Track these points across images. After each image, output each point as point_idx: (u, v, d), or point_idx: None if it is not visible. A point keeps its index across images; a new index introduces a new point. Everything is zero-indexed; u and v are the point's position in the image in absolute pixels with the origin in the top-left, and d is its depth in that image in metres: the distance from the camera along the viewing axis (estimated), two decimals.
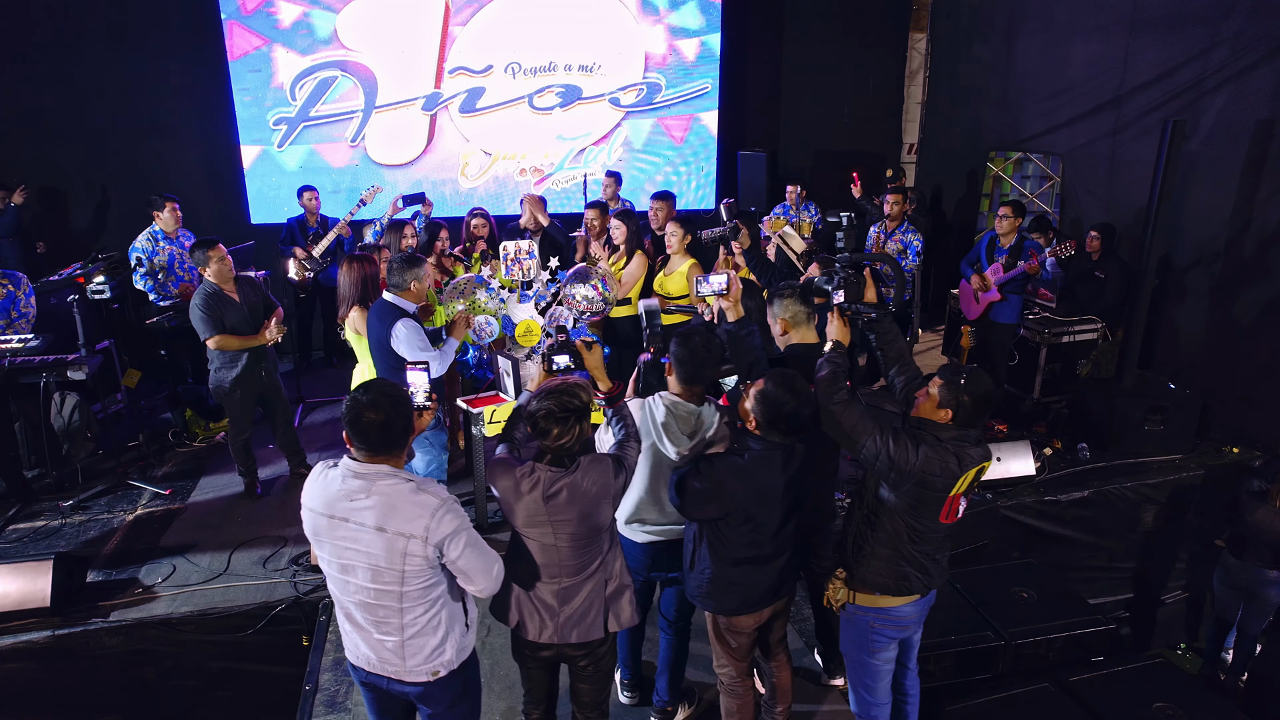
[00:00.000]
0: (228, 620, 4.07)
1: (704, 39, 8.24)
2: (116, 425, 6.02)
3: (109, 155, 7.44)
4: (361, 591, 2.40)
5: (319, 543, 2.41)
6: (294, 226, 6.92)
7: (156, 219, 5.89)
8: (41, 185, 7.48)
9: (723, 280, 3.09)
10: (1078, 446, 5.63)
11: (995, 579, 4.14)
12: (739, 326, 3.08)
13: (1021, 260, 5.71)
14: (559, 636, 2.65)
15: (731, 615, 2.85)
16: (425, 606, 2.42)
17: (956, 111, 8.73)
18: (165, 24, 7.25)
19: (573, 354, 2.88)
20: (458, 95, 7.82)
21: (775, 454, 2.68)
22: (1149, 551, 5.46)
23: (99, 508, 5.01)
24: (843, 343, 2.81)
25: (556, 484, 2.52)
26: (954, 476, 2.56)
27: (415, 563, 2.34)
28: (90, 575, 4.30)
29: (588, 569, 2.64)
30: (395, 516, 2.31)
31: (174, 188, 7.09)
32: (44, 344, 4.76)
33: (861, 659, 2.80)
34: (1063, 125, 7.25)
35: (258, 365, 4.82)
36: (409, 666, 2.48)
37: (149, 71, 7.28)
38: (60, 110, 7.25)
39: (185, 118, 7.49)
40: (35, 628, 3.90)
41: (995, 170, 8.01)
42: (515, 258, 4.85)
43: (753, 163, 8.31)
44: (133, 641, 4.00)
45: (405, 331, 3.88)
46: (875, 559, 2.69)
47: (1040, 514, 5.11)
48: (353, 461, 2.36)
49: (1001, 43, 7.93)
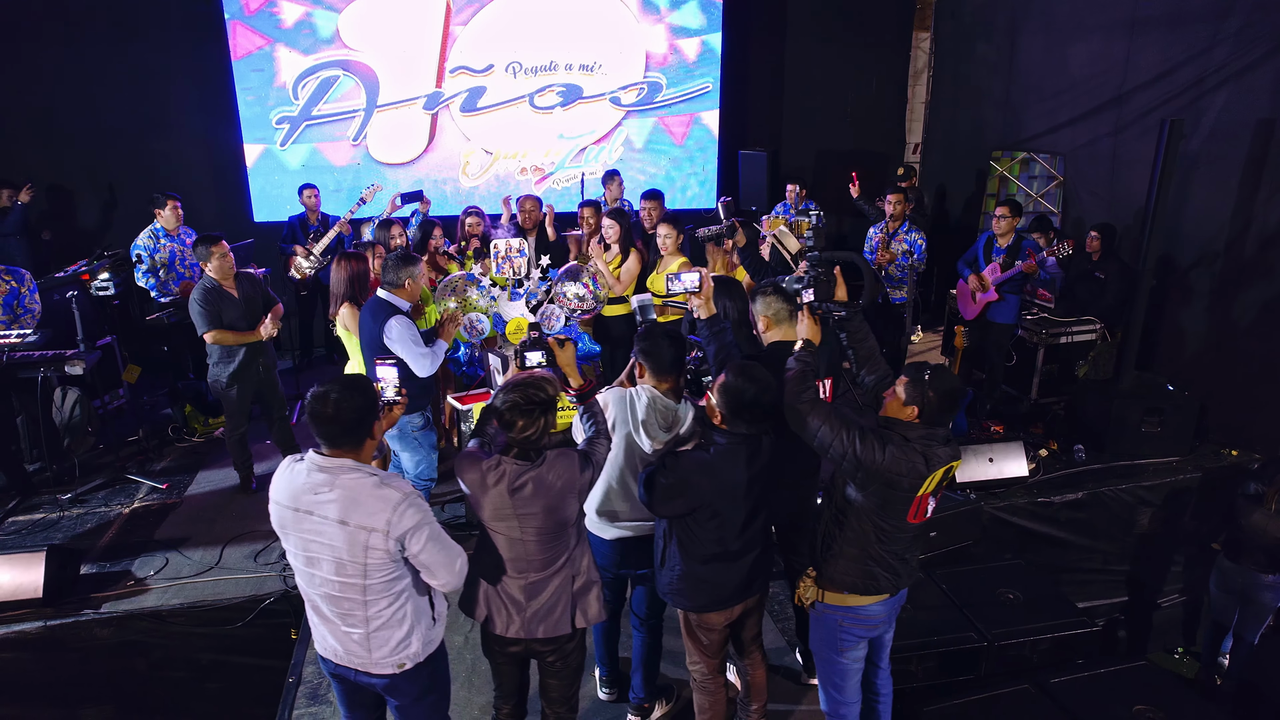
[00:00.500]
0: (217, 613, 4.11)
1: (705, 38, 8.25)
2: (118, 420, 6.09)
3: (115, 153, 7.52)
4: (327, 584, 2.42)
5: (285, 536, 2.44)
6: (295, 225, 6.97)
7: (158, 217, 5.97)
8: (49, 183, 7.57)
9: (695, 278, 3.10)
10: (1074, 448, 5.59)
11: (981, 580, 4.11)
12: (711, 324, 3.09)
13: (1019, 260, 5.68)
14: (526, 631, 2.66)
15: (702, 612, 2.85)
16: (390, 599, 2.44)
17: (959, 111, 8.69)
18: (169, 24, 7.33)
19: (545, 350, 2.90)
20: (459, 94, 7.86)
21: (740, 448, 2.69)
22: (1144, 554, 5.41)
23: (97, 501, 5.08)
24: (813, 341, 2.81)
25: (522, 477, 2.54)
26: (921, 476, 2.55)
27: (377, 556, 2.36)
28: (84, 567, 4.36)
29: (554, 564, 2.65)
30: (357, 510, 2.33)
31: (178, 186, 7.16)
32: (43, 339, 4.82)
33: (830, 657, 2.80)
34: (1065, 125, 7.20)
35: (255, 361, 4.87)
36: (375, 659, 2.50)
37: (154, 71, 7.36)
38: (67, 109, 7.34)
39: (189, 117, 7.56)
40: (28, 618, 3.96)
41: (1000, 170, 7.96)
42: (506, 255, 4.88)
43: (754, 162, 8.30)
44: (124, 633, 4.05)
45: (399, 329, 3.90)
46: (843, 558, 2.69)
47: (1033, 515, 5.07)
48: (318, 456, 2.39)
49: (1004, 42, 7.89)
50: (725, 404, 2.66)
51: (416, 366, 3.95)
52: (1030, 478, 5.16)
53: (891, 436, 2.57)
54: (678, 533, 2.79)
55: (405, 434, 4.15)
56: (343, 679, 2.62)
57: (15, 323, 4.97)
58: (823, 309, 2.86)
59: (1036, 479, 5.25)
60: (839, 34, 8.80)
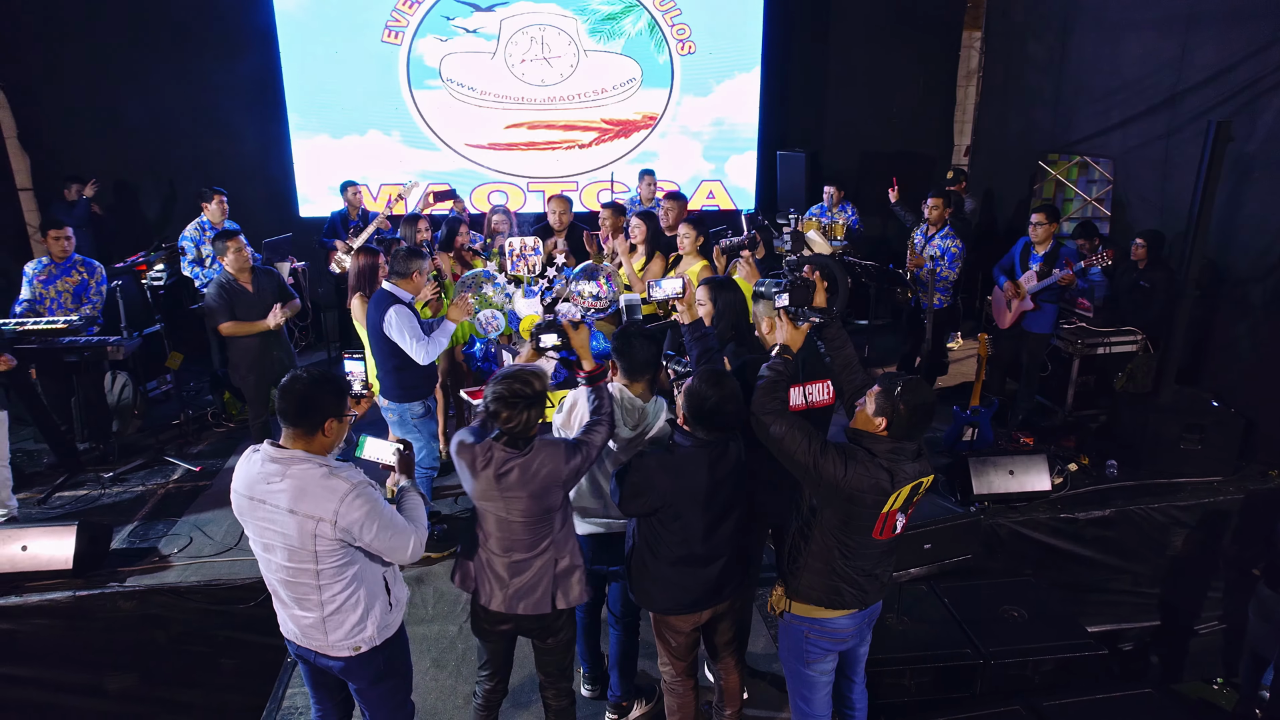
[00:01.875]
0: (231, 592, 4.29)
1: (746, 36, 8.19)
2: (163, 405, 6.41)
3: (173, 150, 7.90)
4: (281, 570, 2.53)
5: (245, 523, 2.55)
6: (336, 220, 7.19)
7: (205, 210, 6.24)
8: (115, 179, 8.00)
9: (677, 285, 3.13)
10: (1106, 463, 5.36)
11: (986, 595, 3.99)
12: (693, 329, 3.08)
13: (1057, 268, 5.47)
14: (507, 606, 2.75)
15: (668, 614, 2.86)
16: (342, 585, 2.53)
17: (1008, 113, 8.41)
18: (224, 26, 7.64)
19: (559, 333, 2.95)
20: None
21: (702, 452, 2.68)
22: (1178, 577, 5.16)
23: (135, 480, 5.35)
24: (790, 347, 2.77)
25: (508, 464, 2.62)
26: (884, 493, 2.49)
27: (326, 544, 2.45)
28: (116, 542, 4.60)
29: (539, 545, 2.72)
30: (305, 499, 2.42)
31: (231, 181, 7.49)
32: (84, 323, 5.09)
33: (797, 669, 2.76)
34: (1115, 127, 6.90)
35: (269, 351, 5.01)
36: (331, 641, 2.59)
37: (211, 70, 7.68)
38: (132, 107, 7.73)
39: (242, 114, 7.87)
40: (59, 588, 4.20)
41: (1054, 174, 7.67)
42: (520, 253, 4.94)
43: (792, 163, 8.21)
44: (145, 606, 4.26)
45: (397, 319, 4.01)
46: (808, 571, 2.65)
47: (1055, 531, 4.89)
48: (272, 448, 2.49)
49: (1055, 40, 7.60)
50: (687, 408, 2.67)
51: (415, 355, 4.05)
52: (1054, 492, 4.97)
53: (855, 451, 2.52)
54: (645, 533, 2.80)
55: (406, 422, 4.26)
56: (306, 660, 2.73)
57: (79, 311, 5.28)
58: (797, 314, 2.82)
59: (1062, 494, 5.06)
60: (886, 33, 8.62)
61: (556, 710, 2.98)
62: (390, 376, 4.24)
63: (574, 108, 8.18)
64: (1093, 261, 5.26)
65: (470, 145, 8.16)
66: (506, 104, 8.08)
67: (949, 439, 5.54)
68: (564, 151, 8.31)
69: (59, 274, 5.20)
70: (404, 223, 5.44)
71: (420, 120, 8.02)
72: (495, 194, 8.28)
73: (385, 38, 7.77)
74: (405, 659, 2.82)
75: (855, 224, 7.67)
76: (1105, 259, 5.23)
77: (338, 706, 2.88)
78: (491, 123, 8.12)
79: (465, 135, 8.13)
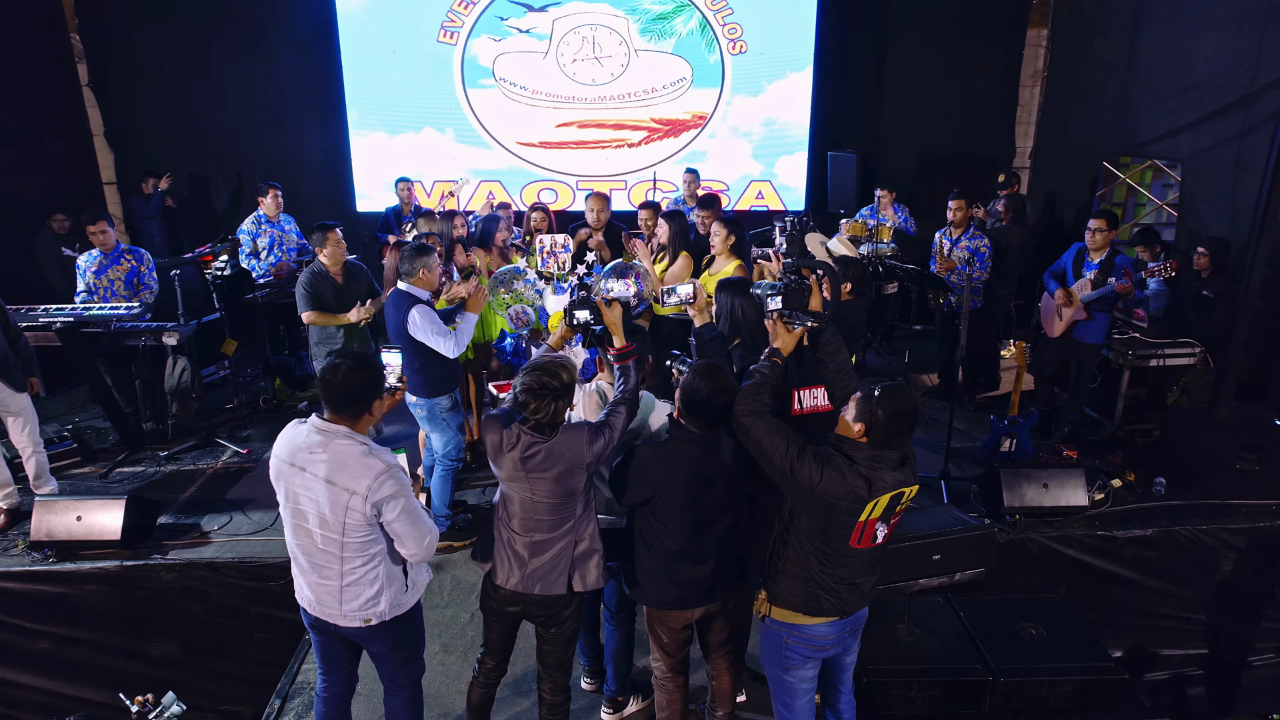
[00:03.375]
0: (263, 570, 4.49)
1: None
2: (221, 389, 6.74)
3: (243, 145, 8.28)
4: (310, 536, 2.68)
5: (279, 486, 2.71)
6: (389, 216, 7.43)
7: (261, 204, 6.53)
8: (189, 173, 8.44)
9: (689, 290, 3.17)
10: (1154, 481, 5.12)
11: (1005, 610, 3.88)
12: (705, 330, 3.11)
13: (1112, 278, 5.24)
14: (524, 586, 2.83)
15: (659, 609, 2.88)
16: (363, 560, 2.67)
17: (1072, 113, 8.08)
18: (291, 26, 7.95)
19: (593, 310, 3.00)
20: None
21: (694, 445, 2.71)
22: (1228, 605, 4.89)
23: (187, 460, 5.66)
24: (781, 350, 2.75)
25: (533, 448, 2.72)
26: (861, 501, 2.45)
27: (355, 517, 2.60)
28: (163, 518, 4.87)
29: (560, 528, 2.80)
30: (343, 472, 2.58)
31: (293, 176, 7.84)
32: (142, 310, 5.39)
33: (778, 675, 2.74)
34: (1185, 128, 6.56)
35: (350, 344, 5.12)
36: (344, 610, 2.74)
37: (278, 69, 8.01)
38: (206, 106, 8.15)
39: (305, 111, 8.21)
40: (108, 557, 4.49)
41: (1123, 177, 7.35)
42: (550, 250, 5.02)
43: (843, 164, 8.07)
44: (185, 579, 4.50)
45: (420, 318, 4.12)
46: (786, 576, 2.62)
47: (1091, 549, 4.70)
48: (319, 420, 2.65)
49: (1124, 37, 7.27)
50: (680, 400, 2.72)
51: (444, 349, 4.15)
52: (1091, 509, 4.77)
53: (834, 457, 2.49)
54: (639, 525, 2.83)
55: (434, 415, 4.37)
56: (320, 629, 2.87)
57: (135, 297, 5.60)
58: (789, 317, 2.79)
59: (1102, 510, 4.86)
60: (947, 31, 8.38)
61: (551, 705, 3.03)
62: (417, 375, 4.33)
63: (624, 107, 8.23)
64: (1155, 272, 5.01)
65: (521, 144, 8.30)
66: (557, 103, 8.19)
67: (986, 449, 5.38)
68: (613, 150, 8.37)
69: (109, 264, 5.51)
70: (440, 219, 5.58)
71: (473, 118, 8.21)
72: (545, 192, 8.41)
73: (441, 38, 7.98)
74: (420, 633, 2.99)
75: (908, 227, 7.51)
76: (1169, 270, 4.98)
77: (345, 680, 3.02)
78: (542, 121, 8.24)
79: (516, 133, 8.27)
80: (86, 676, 4.68)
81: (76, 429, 6.03)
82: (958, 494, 5.08)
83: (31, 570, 4.47)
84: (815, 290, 2.83)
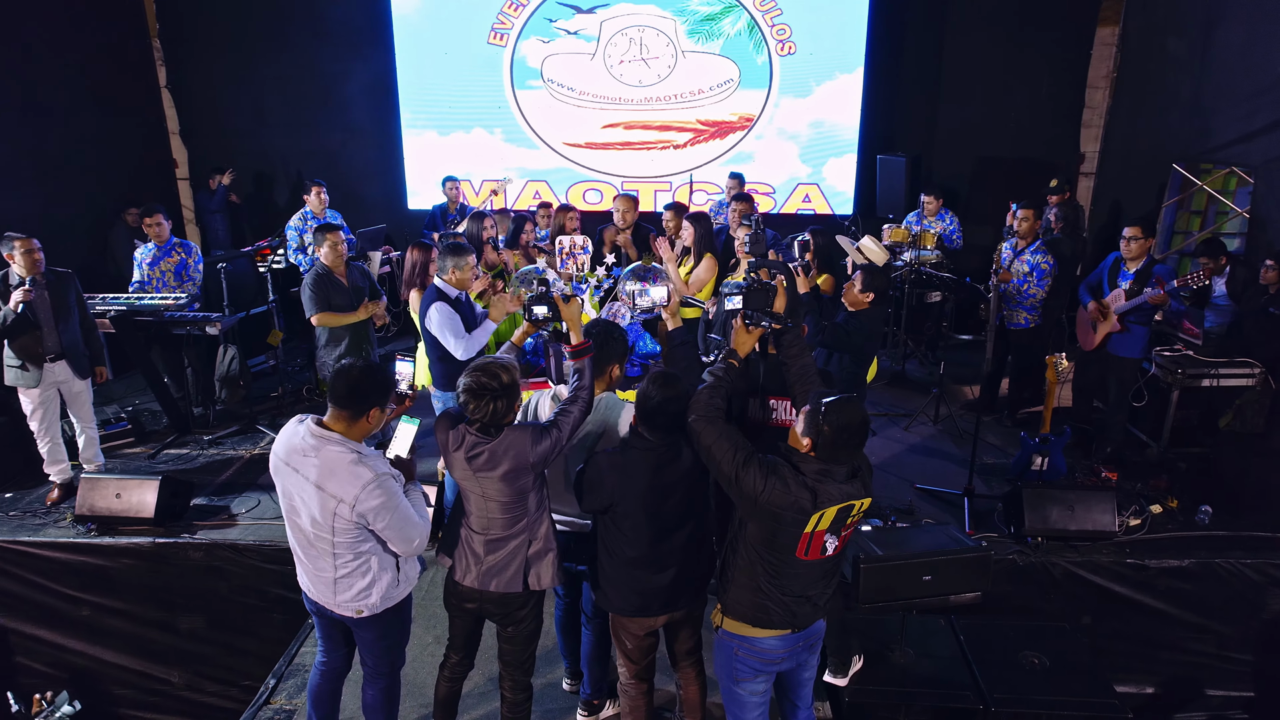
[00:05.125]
0: (282, 553, 4.65)
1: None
2: (268, 378, 7.04)
3: (304, 143, 8.63)
4: (302, 533, 2.80)
5: (277, 481, 2.82)
6: (436, 214, 7.62)
7: (306, 201, 6.79)
8: (254, 170, 8.85)
9: (663, 293, 3.13)
10: (1199, 509, 4.82)
11: (1009, 636, 3.71)
12: (676, 335, 3.08)
13: (1148, 287, 4.96)
14: (480, 583, 2.87)
15: (621, 615, 2.87)
16: (353, 556, 2.77)
17: (1140, 117, 7.66)
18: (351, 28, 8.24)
19: (550, 305, 3.02)
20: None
21: (651, 454, 2.69)
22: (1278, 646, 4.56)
23: (228, 444, 5.93)
24: (738, 352, 2.71)
25: (477, 448, 2.76)
26: (804, 513, 2.38)
27: (343, 522, 2.69)
28: (197, 499, 5.12)
29: (514, 526, 2.83)
30: (331, 480, 2.65)
31: (350, 173, 8.13)
32: (189, 300, 5.68)
33: (729, 686, 2.69)
34: (1259, 132, 6.15)
35: (360, 346, 5.24)
36: (338, 601, 2.85)
37: (337, 70, 8.32)
38: (271, 105, 8.56)
39: (361, 111, 8.49)
40: (143, 533, 4.75)
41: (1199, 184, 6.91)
42: (570, 252, 5.06)
43: (892, 167, 7.86)
44: (210, 558, 4.73)
45: (438, 316, 4.20)
46: (735, 585, 2.58)
47: (1119, 577, 4.46)
48: (315, 424, 2.72)
49: (1198, 35, 6.85)
50: (636, 407, 2.68)
51: (455, 350, 4.23)
52: (1120, 535, 4.53)
53: (780, 467, 2.43)
54: (600, 531, 2.84)
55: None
56: (319, 613, 3.00)
57: (181, 288, 5.91)
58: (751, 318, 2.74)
59: (1135, 537, 4.60)
60: (1008, 30, 8.05)
61: (512, 703, 3.05)
62: (436, 366, 4.44)
63: (670, 108, 8.22)
64: (1187, 281, 4.72)
65: (568, 144, 8.39)
66: (604, 104, 8.24)
67: (1016, 467, 5.16)
68: (659, 152, 8.37)
69: (161, 256, 5.82)
70: (470, 218, 5.68)
71: (521, 119, 8.34)
72: (590, 192, 8.48)
73: (491, 39, 8.13)
74: (407, 625, 3.07)
75: (954, 237, 7.26)
76: (1202, 278, 4.68)
77: (343, 657, 3.15)
78: (589, 122, 8.31)
79: (563, 134, 8.36)
80: (123, 644, 4.98)
81: (135, 411, 6.40)
82: (982, 512, 4.89)
83: (75, 542, 4.77)
84: (781, 293, 2.78)
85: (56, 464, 5.16)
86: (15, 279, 4.72)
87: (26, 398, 4.96)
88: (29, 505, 5.14)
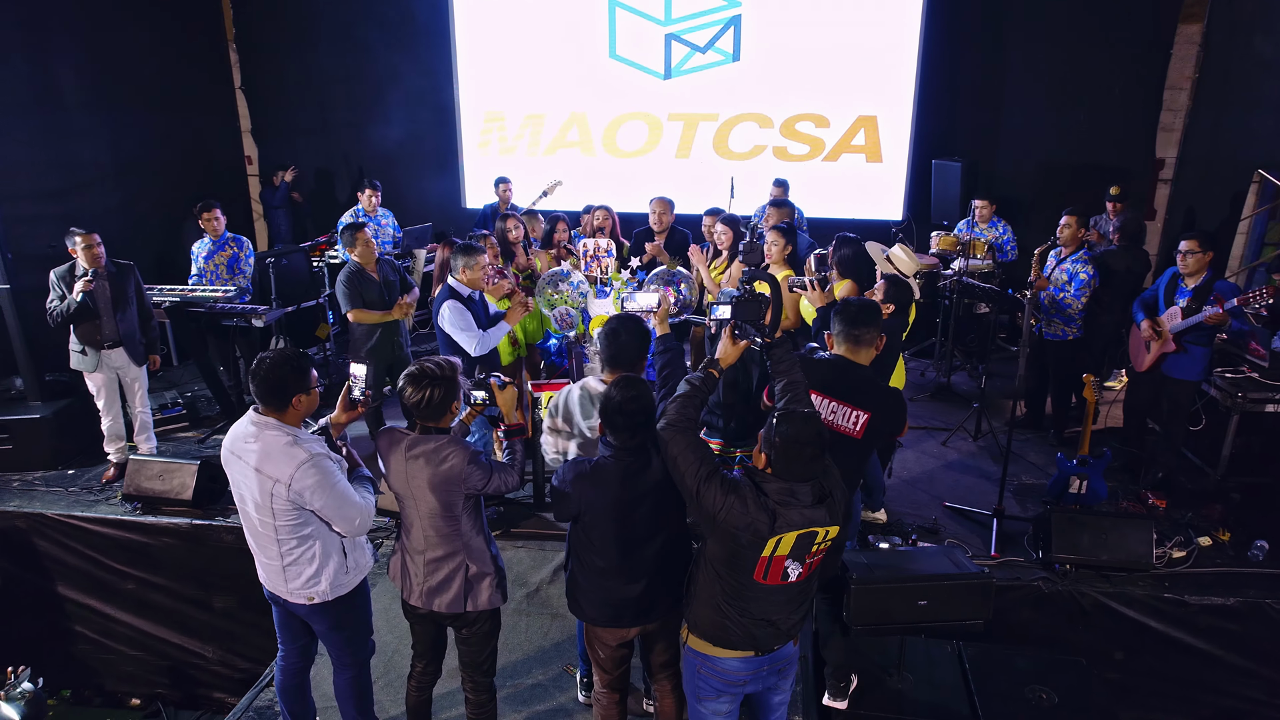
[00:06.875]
0: None
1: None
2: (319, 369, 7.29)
3: (366, 142, 8.90)
4: (249, 519, 2.90)
5: (228, 472, 2.92)
6: (488, 214, 7.75)
7: (360, 199, 7.01)
8: (317, 167, 9.19)
9: (653, 299, 3.13)
10: (1254, 544, 4.50)
11: (1019, 668, 3.54)
12: (662, 341, 3.05)
13: (1207, 306, 4.64)
14: (424, 603, 2.92)
15: (592, 625, 2.86)
16: (297, 541, 2.85)
17: (1222, 120, 7.17)
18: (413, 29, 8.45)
19: (487, 390, 3.04)
20: None
21: (619, 463, 2.66)
22: None
23: None
24: (720, 363, 2.65)
25: (416, 447, 2.81)
26: (760, 536, 2.31)
27: (281, 503, 2.77)
28: None
29: (449, 547, 2.86)
30: (268, 462, 2.75)
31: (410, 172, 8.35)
32: (238, 292, 5.93)
33: (693, 704, 2.64)
34: None
35: (390, 339, 5.38)
36: (290, 589, 2.94)
37: (400, 70, 8.55)
38: (335, 104, 8.88)
39: (423, 110, 8.70)
40: (181, 514, 5.01)
41: None
42: (594, 254, 5.07)
43: (947, 172, 7.59)
44: (240, 541, 4.90)
45: (449, 313, 4.29)
46: (698, 601, 2.53)
47: (1155, 612, 4.19)
48: (254, 412, 2.84)
49: None
50: (599, 409, 2.66)
51: (466, 347, 4.32)
52: (1159, 567, 4.26)
53: (742, 486, 2.36)
54: (573, 541, 2.84)
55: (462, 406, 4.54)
56: (276, 602, 3.08)
57: (232, 280, 6.18)
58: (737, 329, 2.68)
59: (1176, 570, 4.32)
60: (1077, 28, 7.65)
61: (474, 704, 3.08)
62: None
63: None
64: (1249, 299, 4.39)
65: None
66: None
67: (1053, 490, 4.91)
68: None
69: (215, 249, 6.09)
70: (497, 218, 5.77)
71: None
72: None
73: None
74: (365, 616, 3.13)
75: (1008, 246, 6.96)
76: (1266, 297, 4.35)
77: (300, 651, 3.22)
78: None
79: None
80: (164, 618, 5.26)
81: (193, 397, 6.73)
82: (1012, 535, 4.69)
83: (122, 519, 5.06)
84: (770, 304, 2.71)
85: (114, 443, 5.48)
86: (80, 270, 5.03)
87: (90, 380, 5.29)
88: (87, 482, 5.48)
